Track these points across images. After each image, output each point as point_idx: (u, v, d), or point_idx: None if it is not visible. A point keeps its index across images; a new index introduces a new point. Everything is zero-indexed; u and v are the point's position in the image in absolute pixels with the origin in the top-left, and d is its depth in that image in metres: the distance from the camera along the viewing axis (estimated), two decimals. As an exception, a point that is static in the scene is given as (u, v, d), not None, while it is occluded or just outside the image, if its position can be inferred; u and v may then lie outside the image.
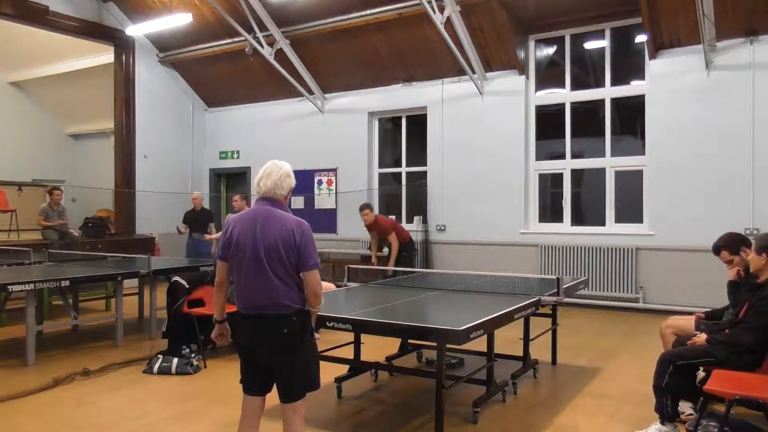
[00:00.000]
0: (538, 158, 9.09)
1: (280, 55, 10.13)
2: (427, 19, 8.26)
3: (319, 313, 3.00)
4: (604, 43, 8.60)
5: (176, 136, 12.07)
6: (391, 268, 7.27)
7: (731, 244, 4.06)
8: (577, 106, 8.85)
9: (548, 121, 9.11)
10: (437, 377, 3.43)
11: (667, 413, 3.46)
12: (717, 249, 4.14)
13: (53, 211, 8.90)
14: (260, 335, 2.73)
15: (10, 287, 5.14)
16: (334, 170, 10.80)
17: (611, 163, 8.54)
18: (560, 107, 8.96)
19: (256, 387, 2.84)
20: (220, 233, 7.39)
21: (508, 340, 5.05)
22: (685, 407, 3.70)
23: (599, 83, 8.69)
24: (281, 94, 11.21)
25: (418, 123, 10.22)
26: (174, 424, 3.93)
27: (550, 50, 9.22)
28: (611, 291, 8.18)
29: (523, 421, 3.97)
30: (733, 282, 4.19)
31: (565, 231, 8.73)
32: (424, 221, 9.76)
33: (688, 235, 7.64)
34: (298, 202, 11.14)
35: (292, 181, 2.86)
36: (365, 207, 8.23)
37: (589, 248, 8.33)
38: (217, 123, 12.47)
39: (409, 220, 10.13)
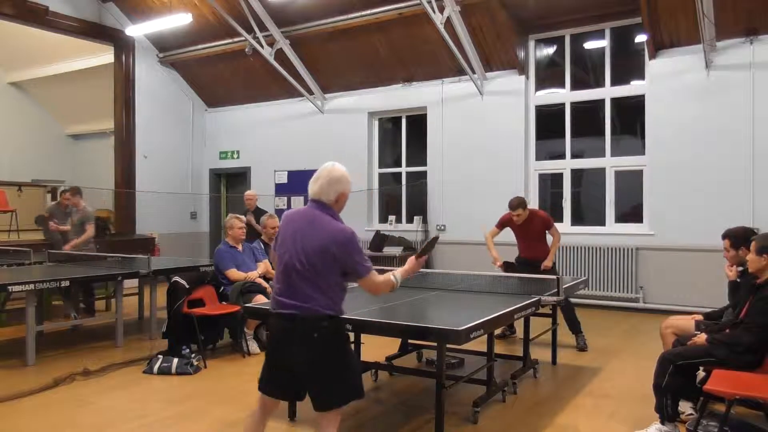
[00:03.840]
0: (538, 158, 9.09)
1: (280, 55, 10.13)
2: (427, 19, 8.26)
3: None
4: (604, 43, 8.60)
5: (176, 137, 12.07)
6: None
7: (738, 237, 4.05)
8: (577, 106, 8.85)
9: (548, 121, 9.11)
10: (437, 377, 3.43)
11: (667, 413, 3.46)
12: (725, 235, 4.15)
13: (62, 212, 8.76)
14: (290, 334, 2.69)
15: (10, 287, 5.14)
16: (334, 170, 10.77)
17: (611, 163, 8.54)
18: (560, 107, 8.96)
19: (269, 388, 2.80)
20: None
21: (508, 339, 5.04)
22: (685, 407, 3.70)
23: (599, 83, 8.69)
24: (281, 94, 11.21)
25: (418, 123, 10.22)
26: (174, 424, 3.93)
27: (550, 50, 9.22)
28: (611, 291, 8.18)
29: (523, 420, 3.97)
30: (734, 282, 4.20)
31: (565, 231, 8.66)
32: (424, 221, 9.76)
33: (688, 235, 7.64)
34: (298, 202, 11.14)
35: (342, 187, 2.80)
36: (519, 205, 6.04)
37: (589, 248, 8.33)
38: (217, 123, 12.47)
39: (409, 220, 10.14)
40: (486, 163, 9.17)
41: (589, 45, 8.88)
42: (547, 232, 6.17)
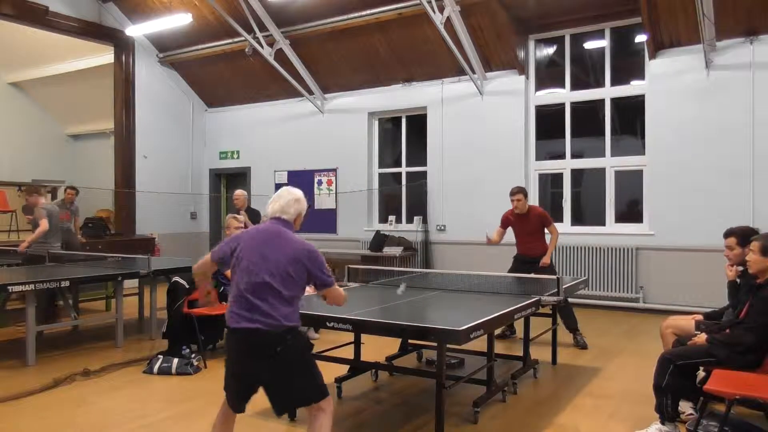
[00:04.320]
0: (538, 158, 9.09)
1: (280, 55, 10.13)
2: (427, 19, 8.25)
3: (320, 314, 3.02)
4: (604, 43, 8.60)
5: (176, 137, 12.07)
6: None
7: (744, 236, 4.02)
8: (577, 106, 8.85)
9: (548, 121, 9.11)
10: (437, 377, 3.43)
11: (667, 413, 3.46)
12: (730, 233, 4.13)
13: (66, 209, 8.70)
14: (249, 349, 2.74)
15: (10, 287, 5.14)
16: (334, 170, 10.80)
17: (611, 163, 8.54)
18: (560, 107, 8.96)
19: (234, 403, 2.89)
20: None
21: (508, 340, 5.04)
22: (686, 407, 3.69)
23: (599, 83, 8.69)
24: (281, 94, 11.21)
25: (418, 123, 10.22)
26: (174, 424, 3.94)
27: (550, 50, 9.22)
28: (611, 291, 8.18)
29: (523, 421, 3.97)
30: (734, 283, 4.20)
31: (565, 231, 8.69)
32: (424, 221, 9.76)
33: (688, 235, 7.64)
34: (297, 202, 11.13)
35: (301, 207, 2.95)
36: (519, 191, 6.19)
37: (589, 248, 8.33)
38: (217, 123, 12.47)
39: (409, 220, 10.14)
40: (486, 163, 9.17)
41: (589, 45, 8.87)
42: (546, 229, 6.17)
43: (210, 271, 3.09)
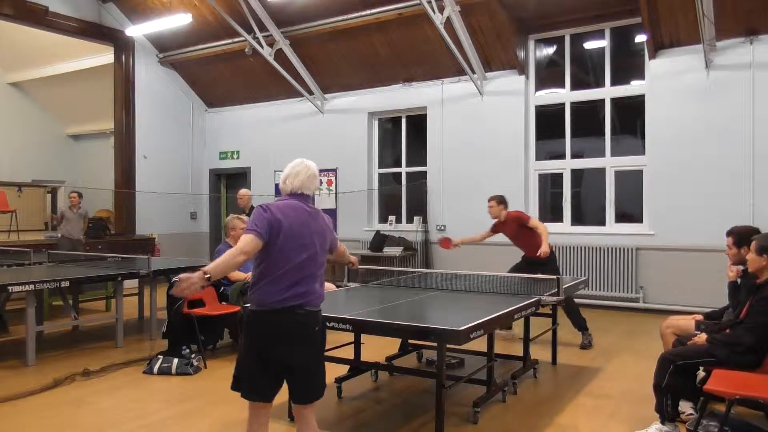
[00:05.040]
0: (538, 158, 9.09)
1: (279, 55, 10.13)
2: (426, 19, 8.25)
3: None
4: (603, 43, 8.60)
5: (176, 137, 12.07)
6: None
7: (743, 236, 4.02)
8: (577, 106, 8.85)
9: (548, 121, 9.11)
10: (437, 377, 3.42)
11: (667, 413, 3.46)
12: (729, 232, 4.14)
13: (73, 213, 8.65)
14: (296, 327, 2.67)
15: (10, 288, 5.14)
16: (334, 170, 10.80)
17: (611, 163, 8.54)
18: (560, 107, 8.96)
19: (268, 392, 2.74)
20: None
21: (508, 340, 5.04)
22: (686, 407, 3.69)
23: (599, 83, 8.69)
24: (281, 94, 11.21)
25: (418, 123, 10.22)
26: (174, 424, 3.94)
27: (550, 50, 9.22)
28: (611, 291, 8.18)
29: (523, 421, 3.97)
30: (734, 283, 4.20)
31: (565, 231, 8.72)
32: (424, 221, 9.76)
33: (688, 235, 7.64)
34: (298, 202, 11.14)
35: (318, 181, 2.96)
36: (492, 198, 6.35)
37: (589, 248, 8.33)
38: (217, 123, 12.47)
39: (409, 220, 10.14)
40: (486, 163, 9.17)
41: (589, 45, 8.87)
42: (531, 228, 6.17)
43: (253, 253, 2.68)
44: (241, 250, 2.60)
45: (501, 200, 6.28)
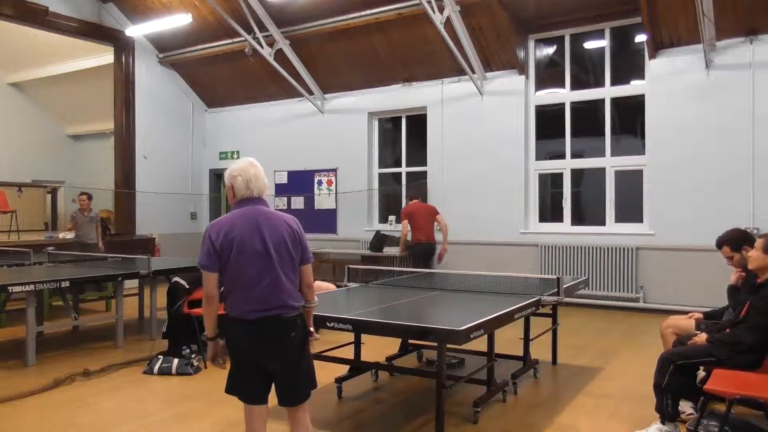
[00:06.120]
0: (538, 158, 9.09)
1: (279, 55, 10.13)
2: (426, 19, 8.25)
3: (320, 314, 2.99)
4: (603, 42, 8.60)
5: (176, 137, 12.07)
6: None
7: (735, 241, 4.05)
8: (577, 106, 8.85)
9: (548, 121, 9.11)
10: (437, 377, 3.42)
11: (667, 413, 3.45)
12: (720, 243, 4.15)
13: (84, 217, 8.57)
14: (268, 338, 2.65)
15: (10, 288, 5.14)
16: (334, 170, 10.80)
17: (611, 163, 8.54)
18: (560, 107, 8.96)
19: (261, 395, 2.75)
20: None
21: (508, 340, 5.04)
22: (686, 407, 3.70)
23: (599, 83, 8.69)
24: (281, 94, 11.21)
25: (418, 123, 10.22)
26: (174, 424, 3.93)
27: (550, 50, 9.22)
28: (611, 291, 8.18)
29: (523, 420, 3.97)
30: (733, 286, 4.20)
31: (565, 231, 8.73)
32: (424, 221, 9.74)
33: (688, 235, 7.64)
34: (297, 202, 11.15)
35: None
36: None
37: (589, 248, 8.32)
38: (217, 123, 12.47)
39: (409, 220, 10.12)
40: (486, 163, 9.17)
41: (589, 45, 8.87)
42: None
43: (217, 287, 2.75)
44: (207, 295, 2.74)
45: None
